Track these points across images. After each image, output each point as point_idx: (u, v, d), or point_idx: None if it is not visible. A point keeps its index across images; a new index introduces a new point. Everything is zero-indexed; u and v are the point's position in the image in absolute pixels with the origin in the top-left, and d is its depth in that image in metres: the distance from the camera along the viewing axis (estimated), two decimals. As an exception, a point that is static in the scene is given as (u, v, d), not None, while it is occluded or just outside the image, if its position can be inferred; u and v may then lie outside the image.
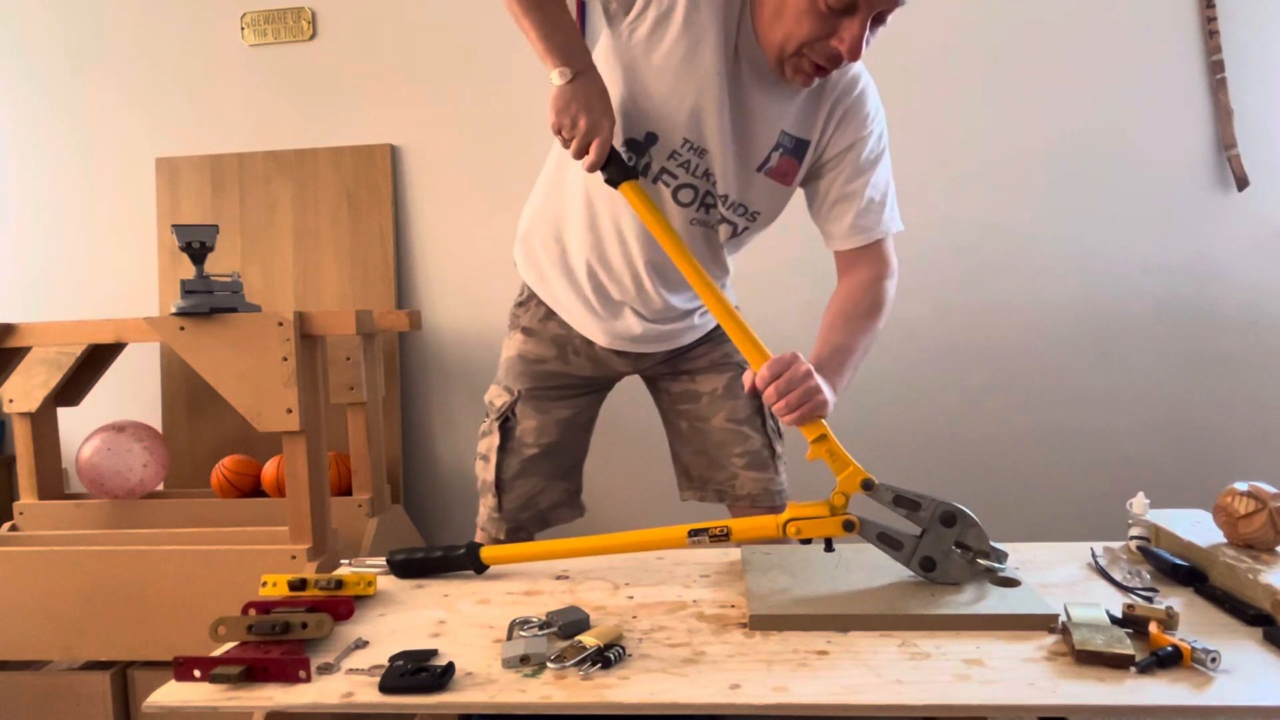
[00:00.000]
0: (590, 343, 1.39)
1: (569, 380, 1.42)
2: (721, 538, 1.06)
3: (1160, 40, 2.21)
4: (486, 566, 1.14)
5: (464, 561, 1.13)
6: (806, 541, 1.06)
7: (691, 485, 1.49)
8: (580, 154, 1.18)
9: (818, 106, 1.25)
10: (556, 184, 1.35)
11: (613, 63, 1.22)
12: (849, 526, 1.03)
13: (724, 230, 1.29)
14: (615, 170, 1.18)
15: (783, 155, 1.25)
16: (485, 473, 1.42)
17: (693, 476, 1.48)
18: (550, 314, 1.41)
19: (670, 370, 1.46)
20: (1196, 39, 2.20)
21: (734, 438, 1.41)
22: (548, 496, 1.43)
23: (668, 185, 1.25)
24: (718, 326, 1.44)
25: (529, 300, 1.43)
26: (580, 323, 1.38)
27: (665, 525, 1.11)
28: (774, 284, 2.34)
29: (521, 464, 1.40)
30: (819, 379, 1.10)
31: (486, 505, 1.43)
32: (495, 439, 1.40)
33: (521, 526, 1.43)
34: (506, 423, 1.40)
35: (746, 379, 1.13)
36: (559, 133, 1.19)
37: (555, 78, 1.17)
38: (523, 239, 1.41)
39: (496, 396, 1.43)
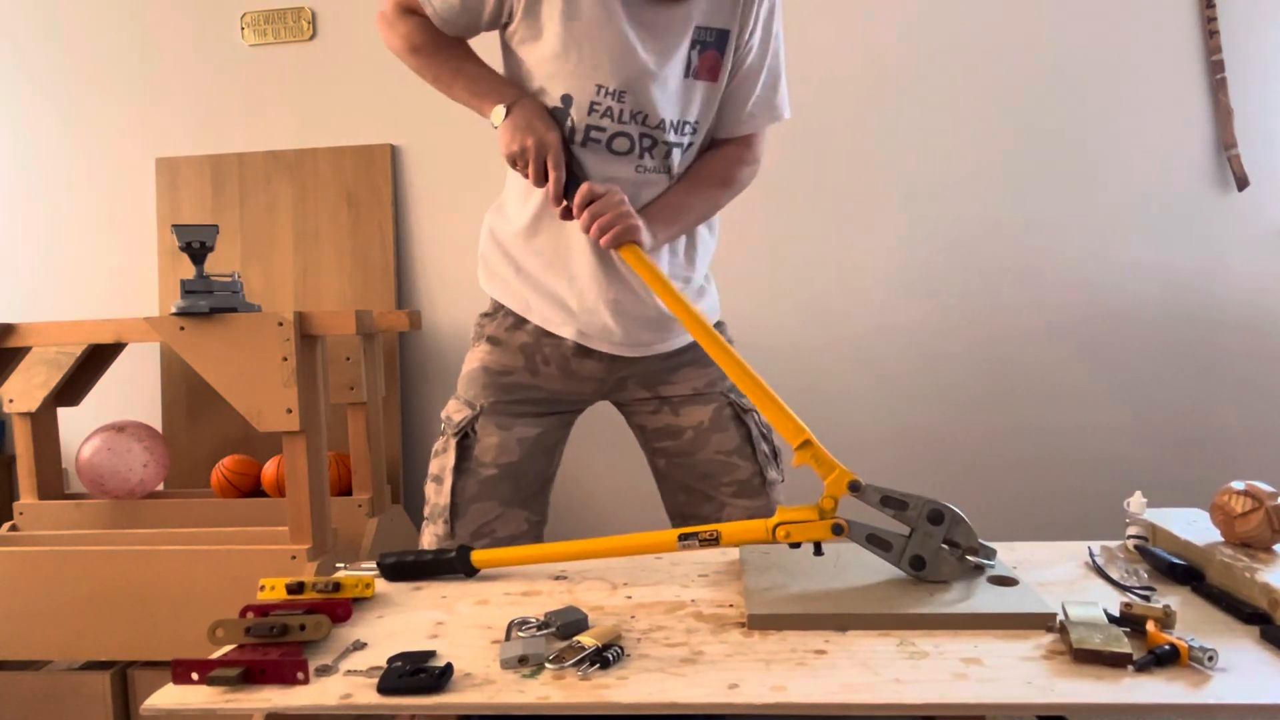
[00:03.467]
0: (559, 348, 1.32)
1: (537, 394, 1.33)
2: (711, 542, 1.06)
3: (1160, 40, 2.21)
4: (477, 570, 1.13)
5: (454, 565, 1.12)
6: (796, 545, 1.06)
7: (683, 523, 1.39)
8: (540, 178, 1.18)
9: None
10: (517, 213, 1.33)
11: (512, 57, 1.25)
12: (838, 530, 1.03)
13: (676, 157, 1.26)
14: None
15: (702, 51, 1.22)
16: (438, 496, 1.31)
17: (676, 515, 1.41)
18: (518, 323, 1.33)
19: (648, 396, 1.37)
20: (1196, 39, 2.20)
21: (722, 469, 1.34)
22: (506, 525, 1.31)
23: (599, 141, 1.21)
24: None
25: (496, 310, 1.37)
26: (549, 319, 1.31)
27: (664, 526, 1.11)
28: (771, 284, 2.35)
29: (479, 485, 1.29)
30: (635, 215, 1.18)
31: (435, 533, 1.30)
32: (451, 458, 1.30)
33: None
34: (465, 440, 1.30)
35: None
36: (514, 163, 1.20)
37: (495, 117, 1.20)
38: (483, 256, 1.39)
39: (455, 412, 1.33)
